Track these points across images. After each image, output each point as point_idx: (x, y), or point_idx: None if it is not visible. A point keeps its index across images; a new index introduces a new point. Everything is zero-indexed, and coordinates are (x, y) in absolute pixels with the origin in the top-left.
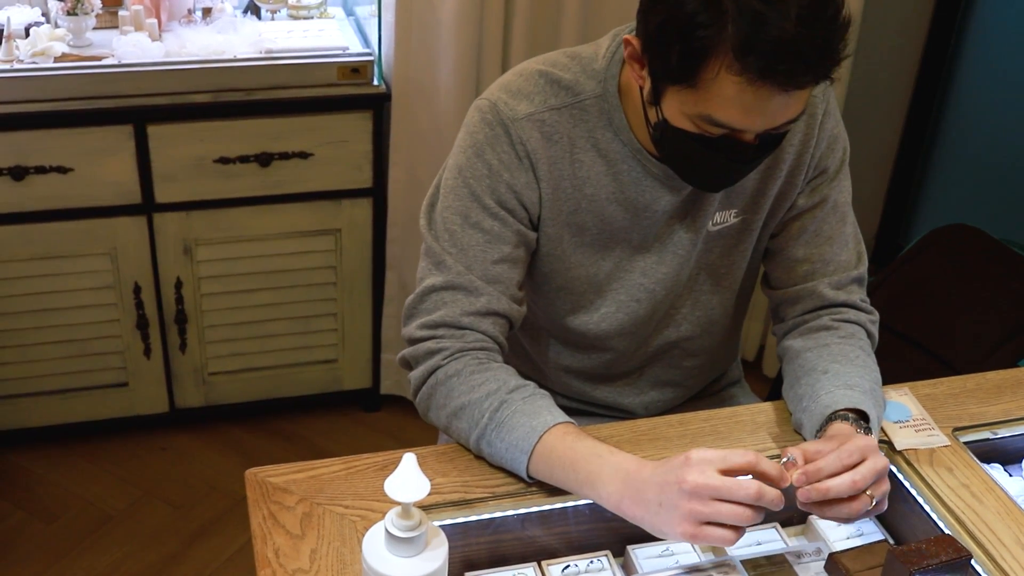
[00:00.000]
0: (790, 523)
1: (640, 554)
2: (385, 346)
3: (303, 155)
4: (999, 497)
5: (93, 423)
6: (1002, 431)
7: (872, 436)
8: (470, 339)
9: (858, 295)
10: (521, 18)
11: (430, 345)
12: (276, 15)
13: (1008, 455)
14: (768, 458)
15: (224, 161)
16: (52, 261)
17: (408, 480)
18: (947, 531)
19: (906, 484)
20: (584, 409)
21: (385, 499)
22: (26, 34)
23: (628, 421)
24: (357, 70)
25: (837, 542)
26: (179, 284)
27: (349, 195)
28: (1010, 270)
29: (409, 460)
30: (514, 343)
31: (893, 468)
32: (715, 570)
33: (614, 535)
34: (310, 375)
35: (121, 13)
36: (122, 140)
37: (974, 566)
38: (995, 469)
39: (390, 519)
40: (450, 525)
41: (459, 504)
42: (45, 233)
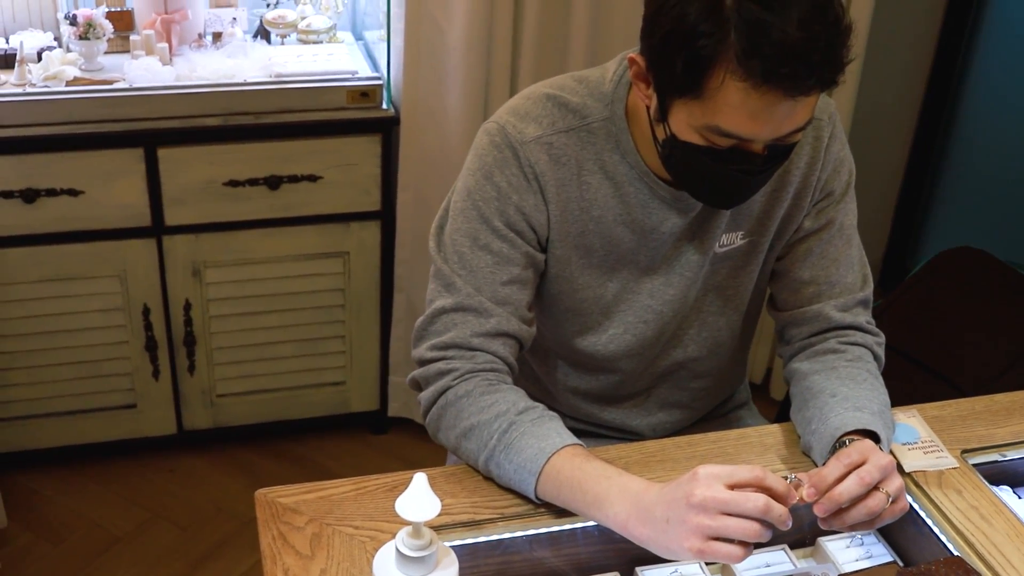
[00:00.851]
0: (799, 545)
1: (649, 575)
2: (393, 368)
3: (312, 178)
4: (1008, 519)
5: (101, 444)
6: (1011, 453)
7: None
8: (480, 360)
9: (864, 317)
10: (529, 43)
11: (440, 366)
12: (286, 39)
13: (1017, 477)
14: (775, 475)
15: (233, 184)
16: (62, 283)
17: (419, 500)
18: (956, 553)
19: (915, 506)
20: (592, 431)
21: (395, 520)
22: (38, 58)
23: (636, 443)
24: (366, 94)
25: (846, 564)
26: (188, 306)
27: (358, 218)
28: (1018, 292)
29: (420, 480)
30: (522, 364)
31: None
32: None
33: (623, 556)
34: (318, 397)
35: (132, 37)
36: (132, 163)
37: None
38: (1004, 491)
39: (401, 538)
40: (459, 546)
41: (468, 525)
42: (55, 255)
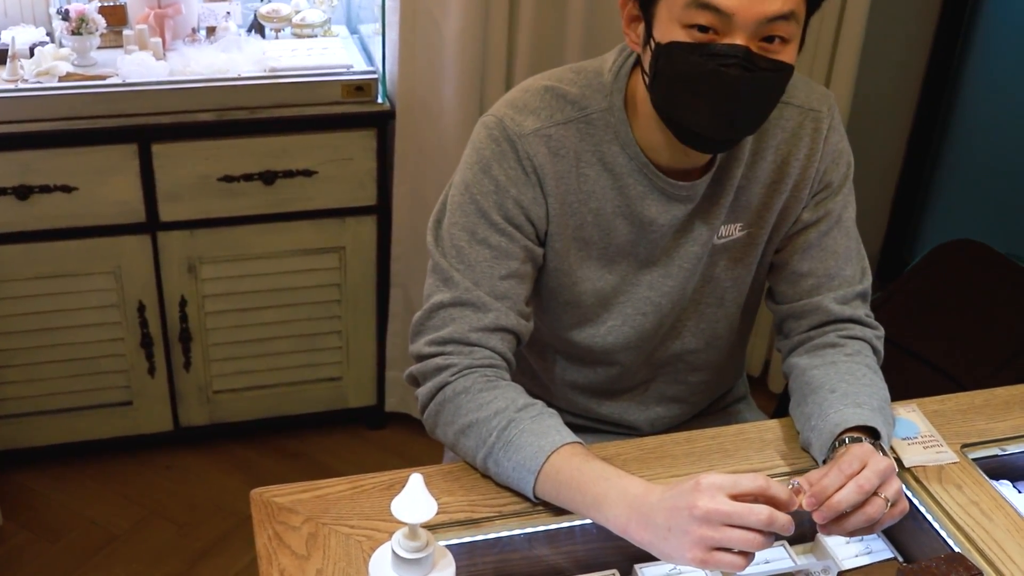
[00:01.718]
0: (799, 541)
1: (648, 573)
2: (390, 363)
3: (307, 173)
4: (1008, 514)
5: (97, 442)
6: (1011, 447)
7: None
8: (478, 356)
9: (863, 310)
10: (525, 35)
11: (438, 361)
12: (280, 34)
13: (1017, 471)
14: (778, 483)
15: (228, 179)
16: (56, 280)
17: (415, 501)
18: (957, 549)
19: (915, 502)
20: (590, 426)
21: (391, 519)
22: (31, 54)
23: (635, 439)
24: (361, 88)
25: (846, 560)
26: (183, 302)
27: (353, 213)
28: (1017, 285)
29: (416, 481)
30: (520, 359)
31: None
32: None
33: (621, 554)
34: (314, 393)
35: (125, 32)
36: (126, 159)
37: None
38: (1004, 486)
39: (397, 540)
40: (457, 545)
41: (465, 523)
42: (49, 252)
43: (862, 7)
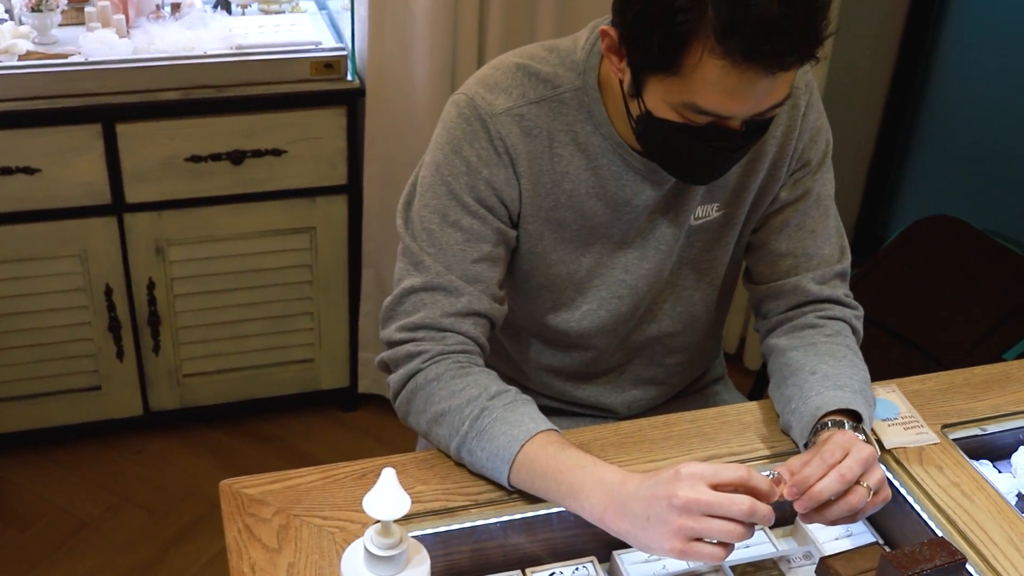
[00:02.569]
0: (778, 524)
1: (626, 559)
2: (362, 345)
3: (276, 152)
4: (990, 495)
5: (66, 428)
6: (991, 427)
7: (861, 435)
8: (451, 342)
9: (842, 290)
10: (496, 10)
11: (409, 348)
12: (247, 10)
13: (997, 451)
14: (759, 473)
15: (195, 159)
16: (21, 264)
17: (387, 496)
18: (939, 531)
19: (896, 484)
20: (566, 409)
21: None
22: None
23: (612, 423)
24: (330, 65)
25: (826, 543)
26: (151, 285)
27: (324, 192)
28: (993, 261)
29: (388, 475)
30: (494, 343)
31: (882, 467)
32: (704, 575)
33: (599, 541)
34: (287, 375)
35: (87, 9)
36: (90, 139)
37: (968, 570)
38: (984, 466)
39: (369, 537)
40: (432, 534)
41: (440, 513)
42: (13, 235)
43: None
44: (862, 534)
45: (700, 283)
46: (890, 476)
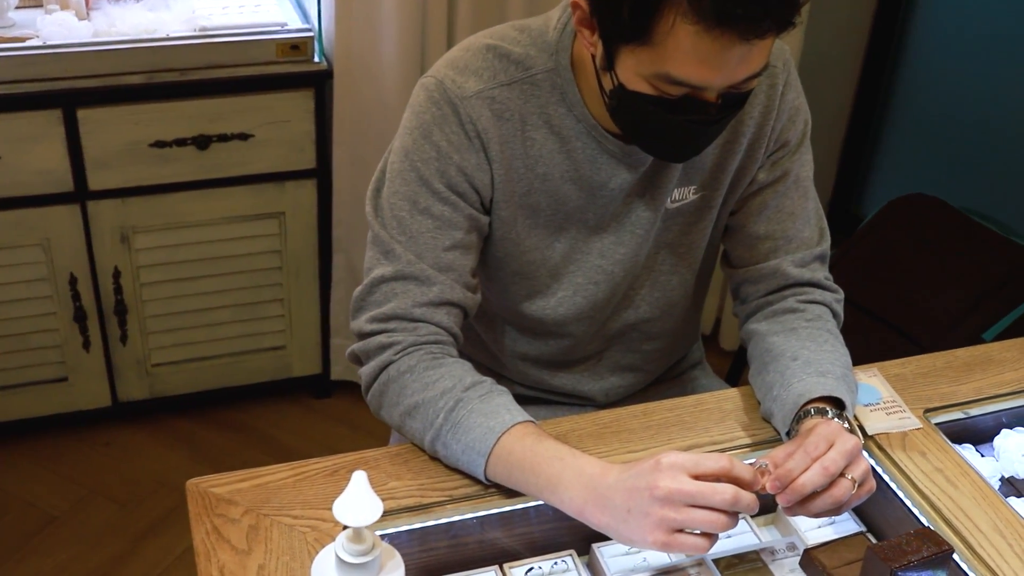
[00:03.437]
0: (760, 512)
1: (606, 552)
2: (334, 331)
3: (243, 136)
4: (974, 481)
5: (32, 420)
6: (973, 411)
7: (845, 424)
8: (423, 332)
9: (822, 273)
10: None
11: (381, 339)
12: None
13: (979, 435)
14: (741, 462)
15: (160, 145)
16: None
17: (359, 501)
18: (923, 519)
19: (879, 471)
20: (543, 397)
21: None
22: None
23: (590, 413)
24: (297, 47)
25: (809, 532)
26: (117, 274)
27: (292, 177)
28: (971, 240)
29: (359, 479)
30: (469, 331)
31: (864, 454)
32: (686, 568)
33: (578, 534)
34: (258, 363)
35: None
36: (51, 125)
37: (955, 560)
38: (967, 450)
39: (340, 543)
40: (407, 532)
41: (415, 509)
42: None
43: None
44: (845, 522)
45: (677, 267)
46: (873, 463)
